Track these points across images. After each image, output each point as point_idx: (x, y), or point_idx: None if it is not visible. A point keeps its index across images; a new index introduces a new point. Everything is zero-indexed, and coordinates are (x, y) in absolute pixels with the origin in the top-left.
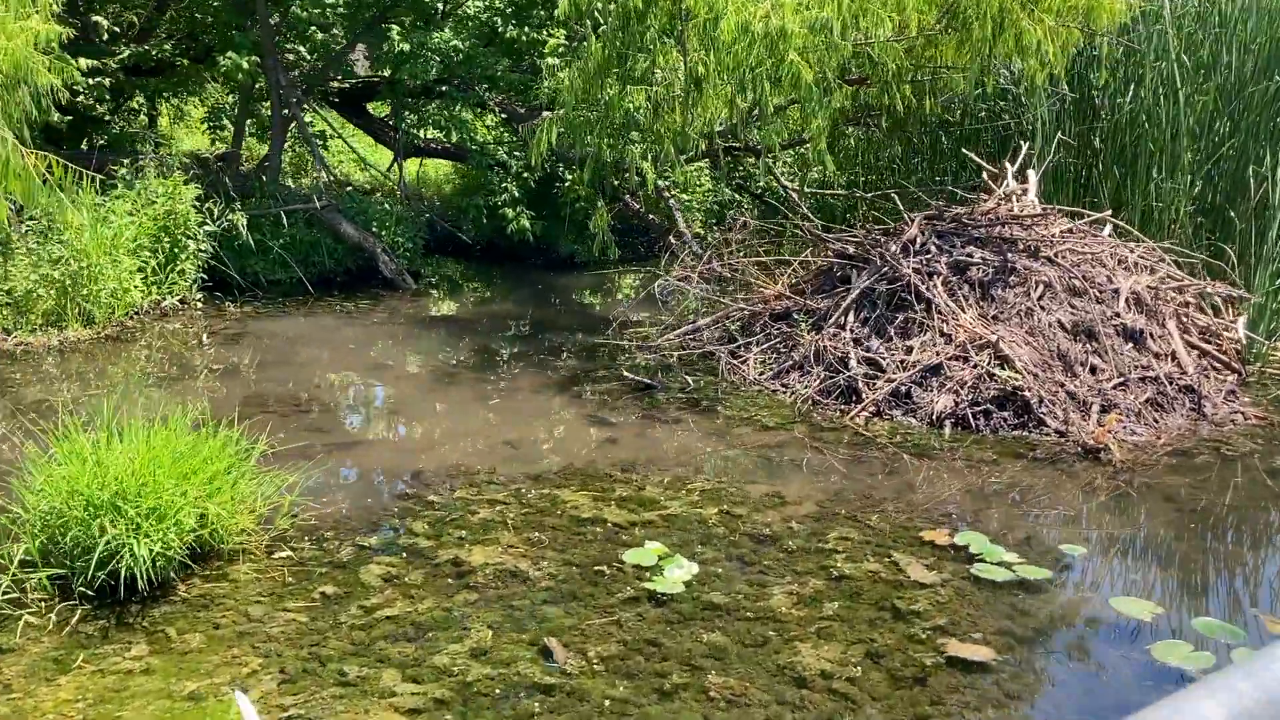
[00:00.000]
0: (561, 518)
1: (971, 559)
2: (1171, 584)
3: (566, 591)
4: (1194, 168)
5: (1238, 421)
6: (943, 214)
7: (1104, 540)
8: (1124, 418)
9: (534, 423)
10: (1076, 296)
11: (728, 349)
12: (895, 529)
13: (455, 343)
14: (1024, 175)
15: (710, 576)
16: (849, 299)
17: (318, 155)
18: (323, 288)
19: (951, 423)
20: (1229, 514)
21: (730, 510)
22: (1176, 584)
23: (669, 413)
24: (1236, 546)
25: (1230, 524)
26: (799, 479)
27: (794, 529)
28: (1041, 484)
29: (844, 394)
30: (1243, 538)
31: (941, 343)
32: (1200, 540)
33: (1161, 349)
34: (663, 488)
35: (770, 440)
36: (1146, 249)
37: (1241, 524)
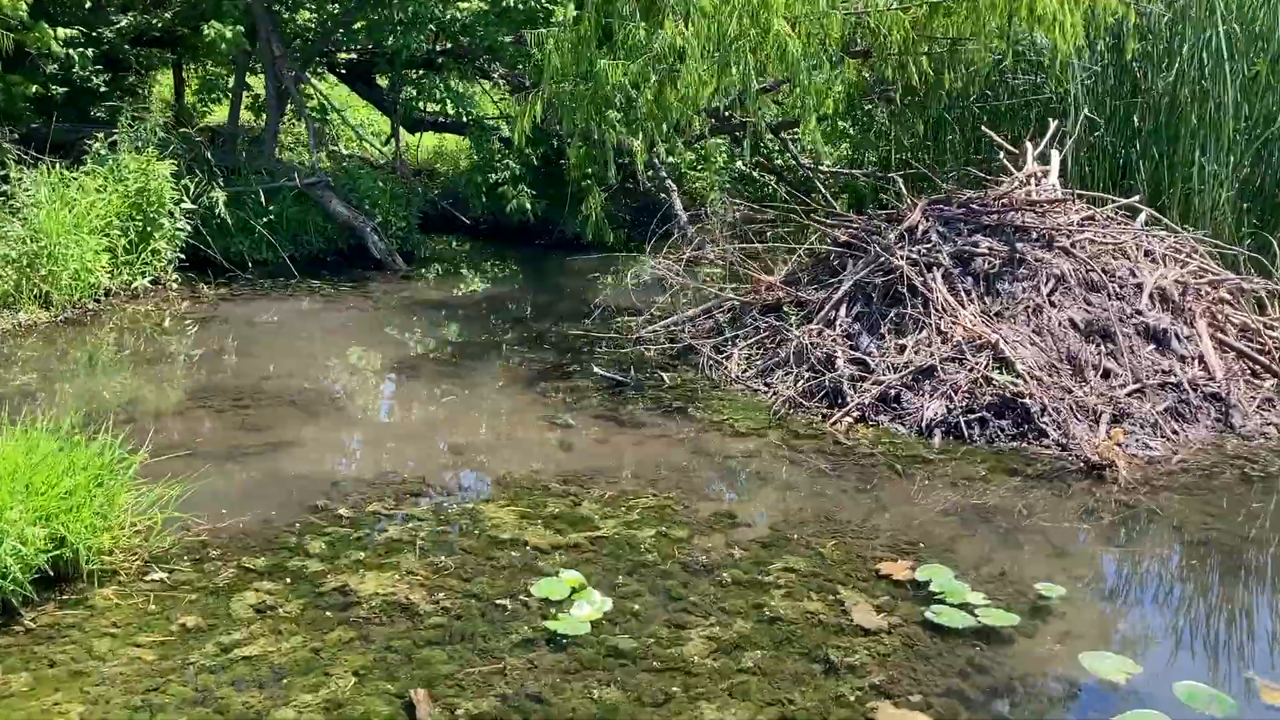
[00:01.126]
0: (478, 539)
1: (930, 599)
2: (1160, 636)
3: (456, 630)
4: (1239, 148)
5: (1270, 435)
6: (950, 199)
7: (1091, 579)
8: (1133, 430)
9: (486, 424)
10: (1094, 291)
11: (712, 343)
12: (850, 559)
13: (429, 332)
14: (1047, 157)
15: (624, 615)
16: (840, 292)
17: (311, 130)
18: (312, 268)
19: (942, 431)
20: (1243, 549)
21: (669, 533)
22: (1165, 636)
23: (635, 415)
24: (1244, 590)
25: (1242, 562)
26: (758, 495)
27: (735, 557)
28: (1032, 506)
29: (829, 396)
30: (1253, 580)
31: (938, 342)
32: (1203, 581)
33: (1188, 351)
34: (602, 504)
35: (739, 448)
36: (1178, 239)
37: (1255, 562)
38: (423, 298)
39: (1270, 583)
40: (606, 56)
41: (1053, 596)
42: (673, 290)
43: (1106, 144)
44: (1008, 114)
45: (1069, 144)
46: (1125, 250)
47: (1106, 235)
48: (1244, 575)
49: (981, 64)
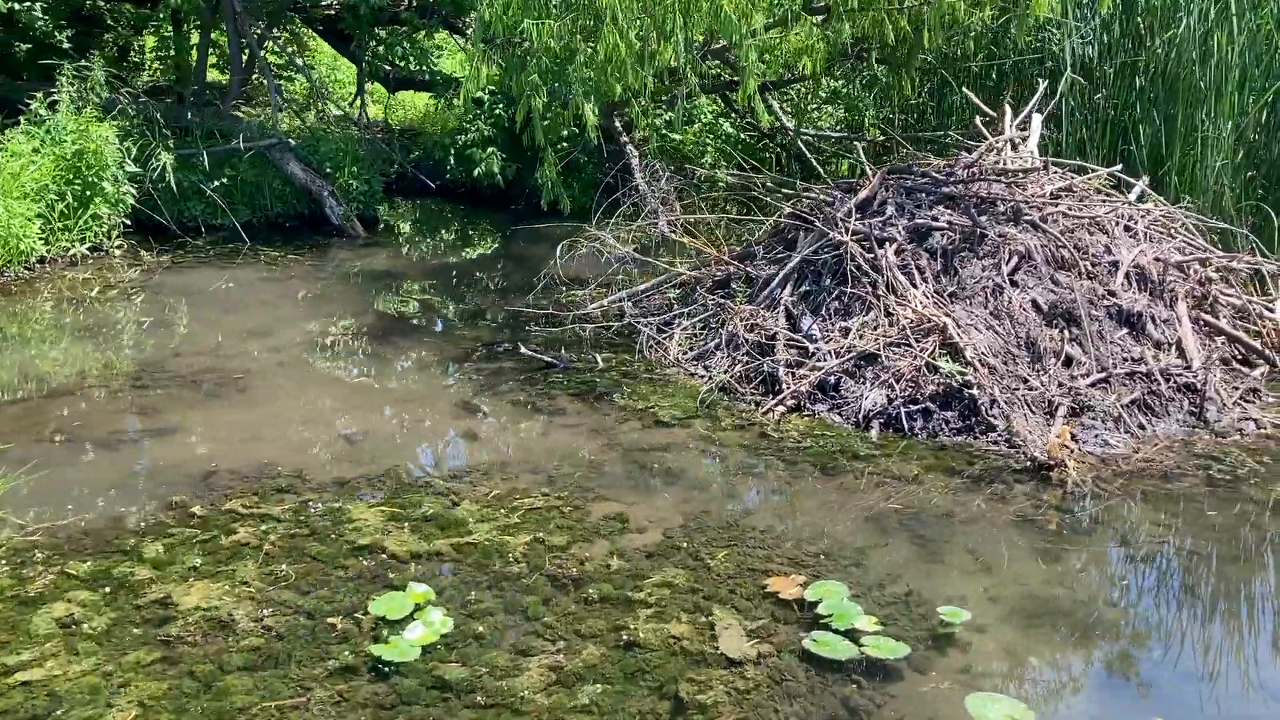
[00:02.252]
0: (334, 543)
1: (815, 623)
2: (1068, 675)
3: (272, 654)
4: (1242, 112)
5: (1247, 431)
6: (912, 168)
7: (1010, 601)
8: (1092, 425)
9: (393, 410)
10: (1064, 270)
11: (660, 321)
12: (739, 572)
13: (367, 304)
14: (1031, 121)
15: (464, 638)
16: (787, 268)
17: (272, 89)
18: (269, 234)
19: (881, 424)
20: (1190, 567)
21: (547, 539)
22: (1075, 676)
23: (556, 401)
24: (1181, 620)
25: (1187, 583)
26: (662, 495)
27: (611, 568)
28: (964, 512)
29: (767, 381)
30: (1194, 607)
31: (885, 325)
32: (1134, 605)
33: (1166, 336)
34: (483, 505)
35: (658, 440)
36: (1165, 213)
37: (1200, 585)
38: (373, 266)
39: (1213, 611)
40: (538, 15)
41: (956, 623)
42: (623, 263)
43: (1109, 108)
44: (1013, 74)
45: (1052, 106)
46: (1103, 225)
47: (1083, 208)
48: (1184, 600)
49: (966, 21)
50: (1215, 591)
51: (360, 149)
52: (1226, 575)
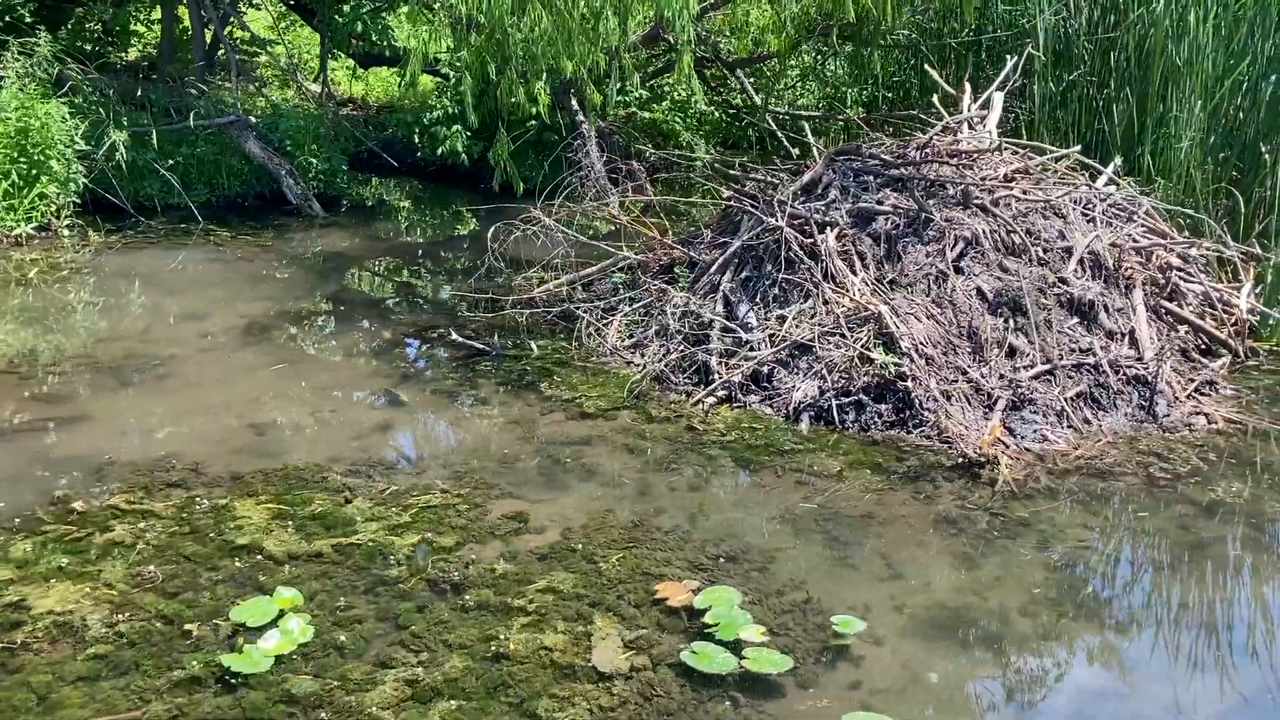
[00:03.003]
0: (210, 543)
1: (700, 633)
2: (962, 690)
3: (118, 663)
4: (1213, 91)
5: (1196, 426)
6: (859, 148)
7: (912, 610)
8: (1033, 419)
9: (309, 400)
10: (1014, 256)
11: (603, 306)
12: (632, 577)
13: (309, 287)
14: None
15: (323, 648)
16: (726, 253)
17: (234, 65)
18: (227, 213)
19: (811, 416)
20: (1113, 575)
21: (436, 540)
22: (969, 691)
23: (481, 390)
24: (1094, 630)
25: (1107, 593)
26: (572, 492)
27: (497, 572)
28: (883, 513)
29: (701, 371)
30: (1112, 617)
31: (823, 313)
32: (1048, 617)
33: (1118, 325)
34: (376, 501)
35: (579, 433)
36: (1126, 197)
37: (1122, 594)
38: (325, 248)
39: (1132, 625)
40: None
41: (849, 634)
42: (570, 247)
43: (1085, 86)
44: (989, 51)
45: (1016, 83)
46: (1059, 209)
47: (1038, 190)
48: (1101, 613)
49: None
50: (1137, 603)
51: (321, 127)
52: (1151, 585)
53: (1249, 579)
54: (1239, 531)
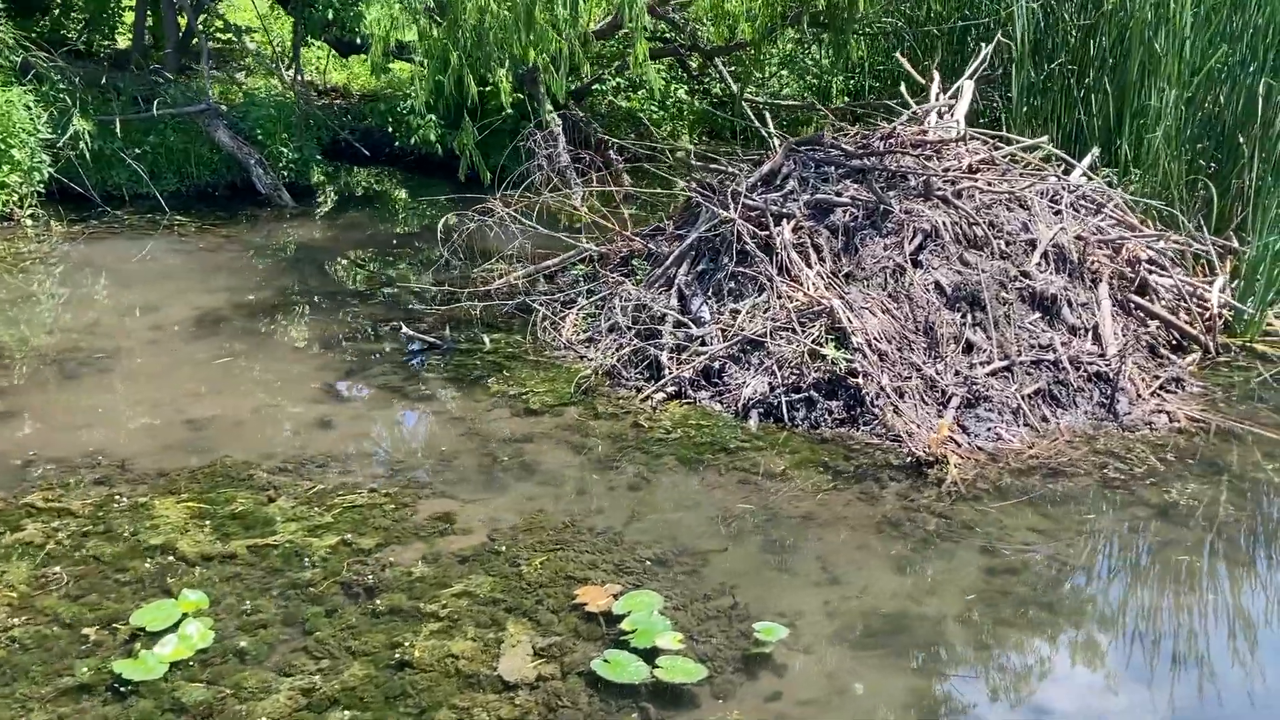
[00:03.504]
0: (123, 543)
1: (616, 640)
2: (887, 703)
3: (6, 669)
4: (1188, 80)
5: (1158, 425)
6: (821, 138)
7: (844, 616)
8: (988, 417)
9: (250, 394)
10: (976, 249)
11: (563, 298)
12: (554, 580)
13: (267, 279)
14: (962, 89)
15: (222, 654)
16: (682, 245)
17: (205, 52)
18: (196, 203)
19: (761, 413)
20: (1057, 580)
21: (356, 541)
22: (894, 704)
23: (428, 385)
24: (1031, 640)
25: (1048, 599)
26: (506, 492)
27: (414, 575)
28: (824, 514)
29: (653, 366)
30: (1051, 625)
31: (777, 307)
32: (985, 624)
33: (1082, 321)
34: (301, 501)
35: (523, 430)
36: (1095, 188)
37: (1064, 600)
38: (290, 238)
39: (1072, 634)
40: None
41: (771, 641)
42: (529, 238)
43: (1064, 75)
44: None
45: (983, 71)
46: (1024, 200)
47: (1003, 181)
48: (1040, 621)
49: None
50: (1078, 610)
51: (293, 115)
52: (1094, 592)
53: (1198, 586)
54: (1191, 536)
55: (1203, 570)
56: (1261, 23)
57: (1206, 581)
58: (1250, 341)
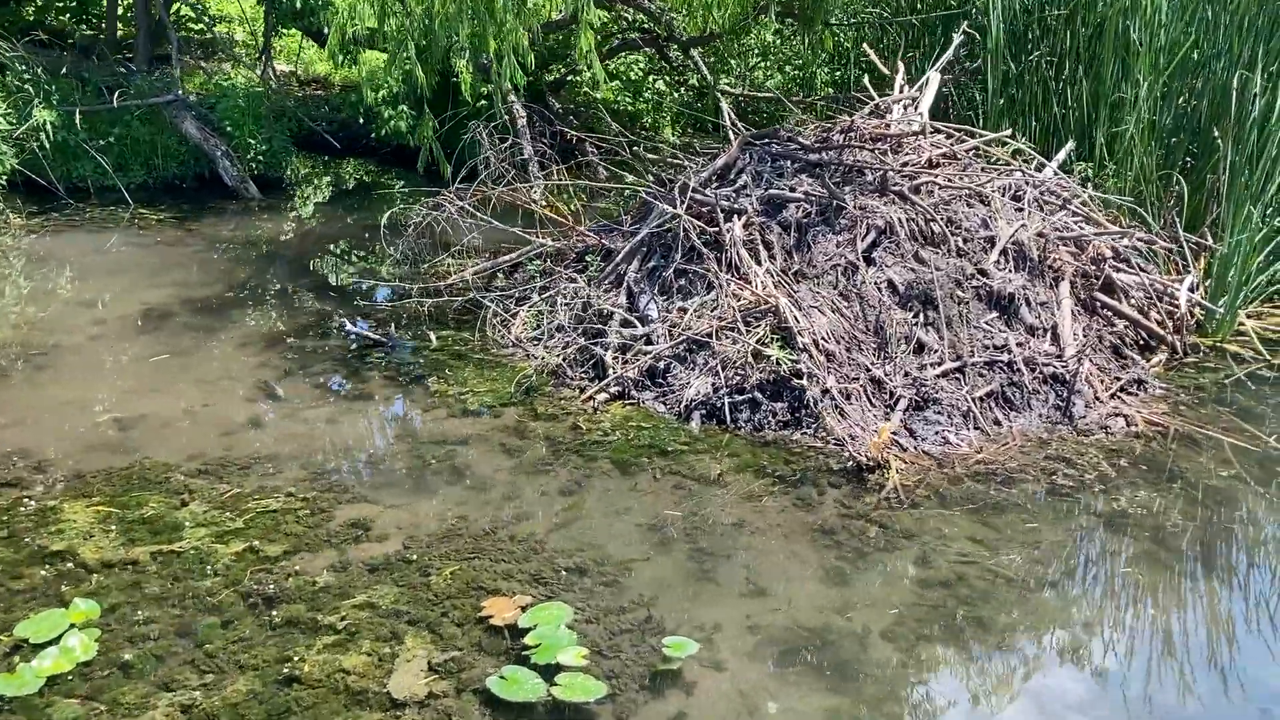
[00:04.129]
0: (24, 549)
1: (518, 655)
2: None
3: None
4: (1162, 71)
5: (1114, 429)
6: (778, 132)
7: (766, 631)
8: (936, 420)
9: (184, 393)
10: (933, 246)
11: (514, 295)
12: (464, 591)
13: (222, 273)
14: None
15: (107, 667)
16: (634, 241)
17: (174, 43)
18: (163, 196)
19: (703, 415)
20: (991, 595)
21: (264, 548)
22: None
23: (368, 385)
24: (960, 658)
25: (981, 615)
26: (431, 496)
27: (319, 584)
28: (757, 521)
29: (599, 366)
30: (982, 643)
31: (726, 305)
32: (902, 643)
33: (1041, 320)
34: (215, 505)
35: (458, 432)
36: (1060, 183)
37: (997, 616)
38: (252, 232)
39: (997, 647)
40: None
41: (680, 657)
42: (479, 231)
43: (1043, 67)
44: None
45: (943, 59)
46: (986, 196)
47: (964, 177)
48: (969, 636)
49: None
50: (1010, 626)
51: (262, 106)
52: (1029, 607)
53: (1137, 603)
54: (1135, 548)
55: (1144, 586)
56: (1238, 14)
57: (1146, 598)
58: (1221, 342)
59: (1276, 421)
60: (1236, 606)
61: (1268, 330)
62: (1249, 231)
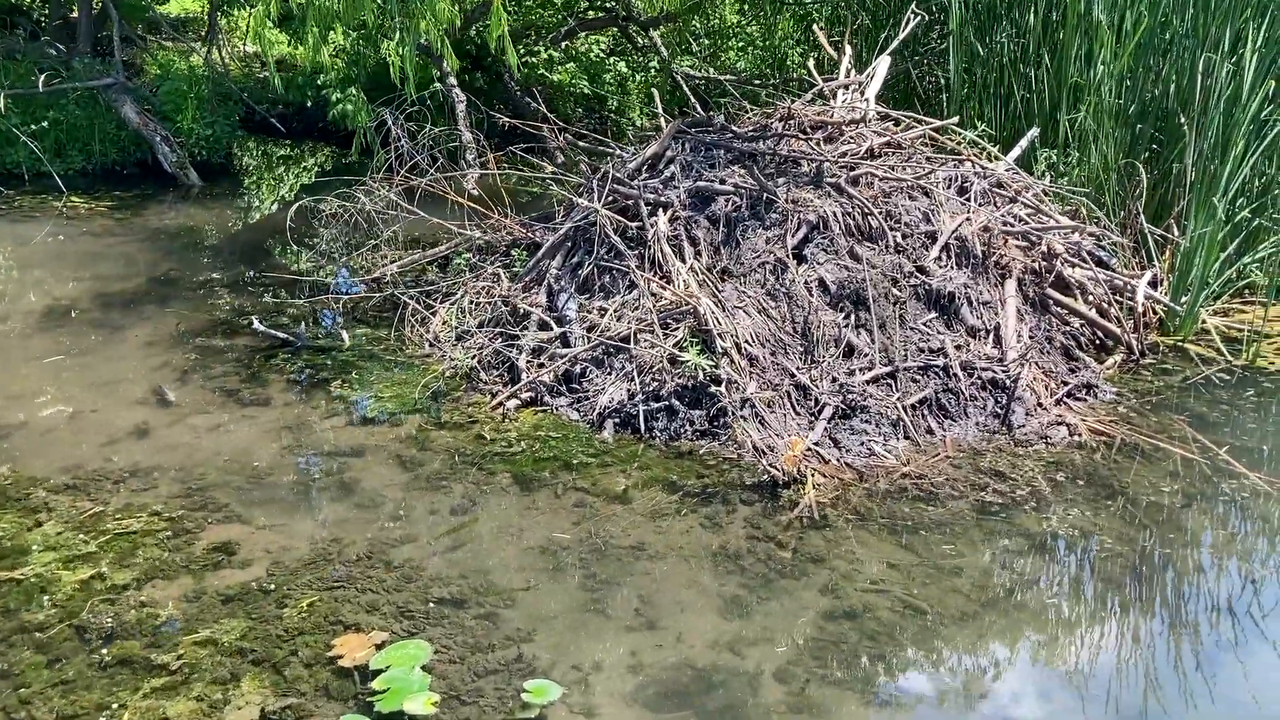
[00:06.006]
0: None
1: (364, 701)
2: None
3: None
4: (1125, 53)
5: (1054, 439)
6: (711, 120)
7: (650, 671)
8: (863, 430)
9: (72, 397)
10: (871, 242)
11: (442, 290)
12: (321, 626)
13: (144, 266)
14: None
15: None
16: (557, 236)
17: (118, 24)
18: (102, 183)
19: (617, 423)
20: (894, 631)
21: (112, 575)
22: None
23: (267, 389)
24: (838, 703)
25: (876, 655)
26: (311, 515)
27: (162, 617)
28: (658, 543)
29: (514, 369)
30: (868, 688)
31: (648, 305)
32: (795, 686)
33: (983, 321)
34: (71, 525)
35: (355, 441)
36: (1011, 174)
37: (893, 656)
38: (186, 221)
39: (899, 692)
40: None
41: (539, 704)
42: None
43: (1012, 49)
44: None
45: (894, 43)
46: (930, 189)
47: (907, 167)
48: (871, 676)
49: None
50: (914, 667)
51: (205, 90)
52: (938, 645)
53: (1058, 641)
54: (1064, 574)
55: (1066, 621)
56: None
57: (1068, 636)
58: (1183, 341)
59: (1231, 430)
60: (1162, 647)
61: (1232, 328)
62: (1213, 225)
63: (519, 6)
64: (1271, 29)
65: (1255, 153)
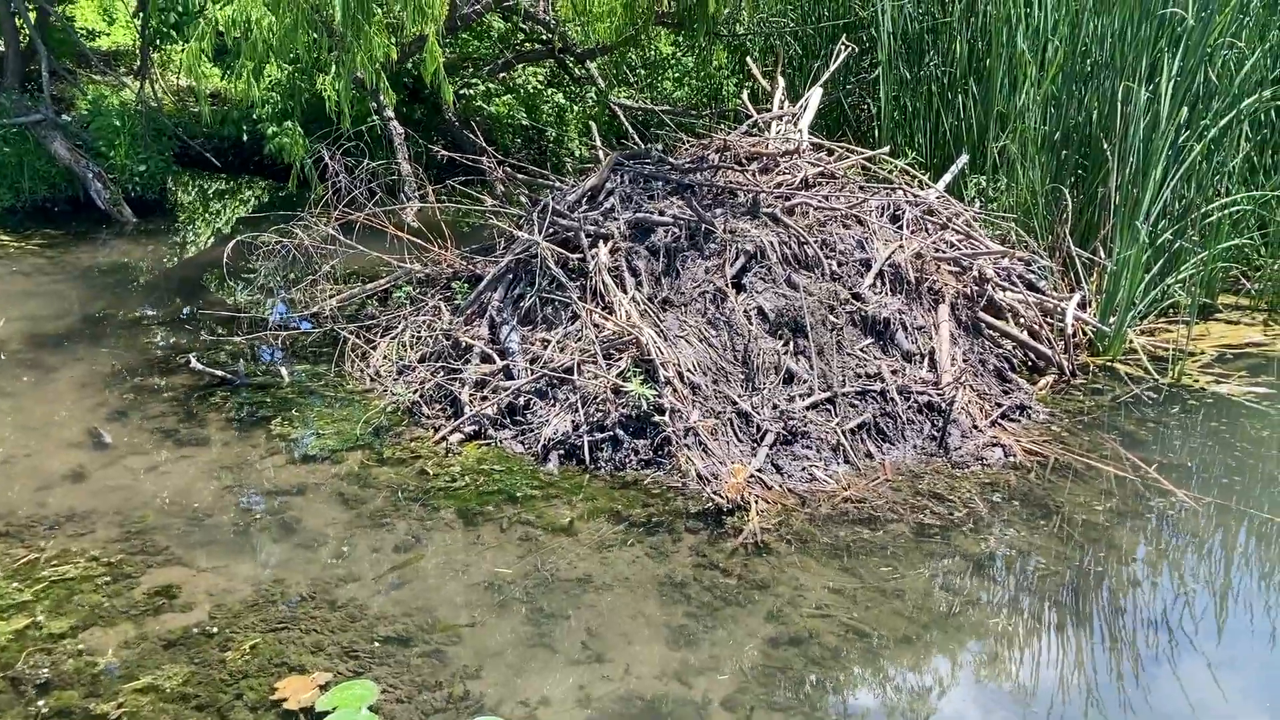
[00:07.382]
0: None
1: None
2: None
3: None
4: (1043, 83)
5: (990, 460)
6: (650, 151)
7: (599, 704)
8: (804, 455)
9: (7, 438)
10: (807, 270)
11: (381, 325)
12: (262, 669)
13: (75, 304)
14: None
15: None
16: (499, 268)
17: (46, 59)
18: (32, 220)
19: (562, 455)
20: (839, 657)
21: (49, 624)
22: None
23: (205, 428)
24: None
25: (822, 682)
26: (253, 557)
27: (103, 665)
28: (605, 575)
29: (457, 402)
30: (815, 714)
31: (590, 336)
32: (743, 714)
33: (918, 346)
34: (6, 574)
35: (296, 479)
36: (944, 199)
37: (837, 682)
38: (117, 258)
39: (842, 715)
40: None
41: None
42: (336, 258)
43: (940, 77)
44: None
45: (827, 73)
46: (863, 218)
47: (841, 197)
48: (818, 702)
49: None
50: (859, 684)
51: (139, 125)
52: (881, 667)
53: (998, 659)
54: (1003, 593)
55: (1005, 640)
56: (1120, 23)
57: (1008, 654)
58: (1112, 361)
59: (1159, 447)
60: (1101, 661)
61: (1158, 348)
62: (1136, 247)
63: (455, 39)
64: (1185, 59)
65: (1174, 177)
